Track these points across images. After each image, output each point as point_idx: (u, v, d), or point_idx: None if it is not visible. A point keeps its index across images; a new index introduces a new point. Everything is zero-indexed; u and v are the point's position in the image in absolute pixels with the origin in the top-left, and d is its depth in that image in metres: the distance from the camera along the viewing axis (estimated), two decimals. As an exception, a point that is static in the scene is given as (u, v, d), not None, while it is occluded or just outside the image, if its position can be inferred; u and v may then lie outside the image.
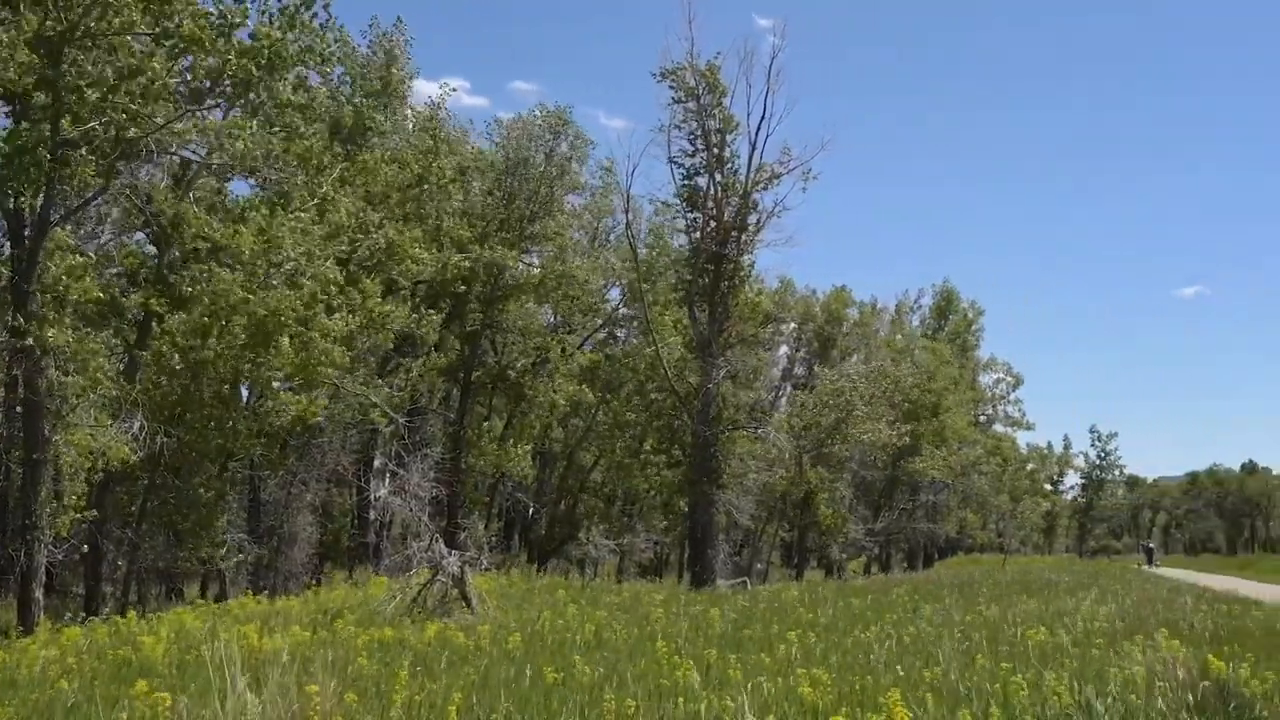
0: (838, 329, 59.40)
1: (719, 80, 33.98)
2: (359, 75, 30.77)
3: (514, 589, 23.54)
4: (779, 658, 12.55)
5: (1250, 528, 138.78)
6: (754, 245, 35.06)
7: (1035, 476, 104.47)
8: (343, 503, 35.64)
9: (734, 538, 46.72)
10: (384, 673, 11.03)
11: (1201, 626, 17.00)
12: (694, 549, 34.73)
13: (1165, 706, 10.07)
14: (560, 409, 38.66)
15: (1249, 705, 10.51)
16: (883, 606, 20.68)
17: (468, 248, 31.67)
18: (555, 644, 14.05)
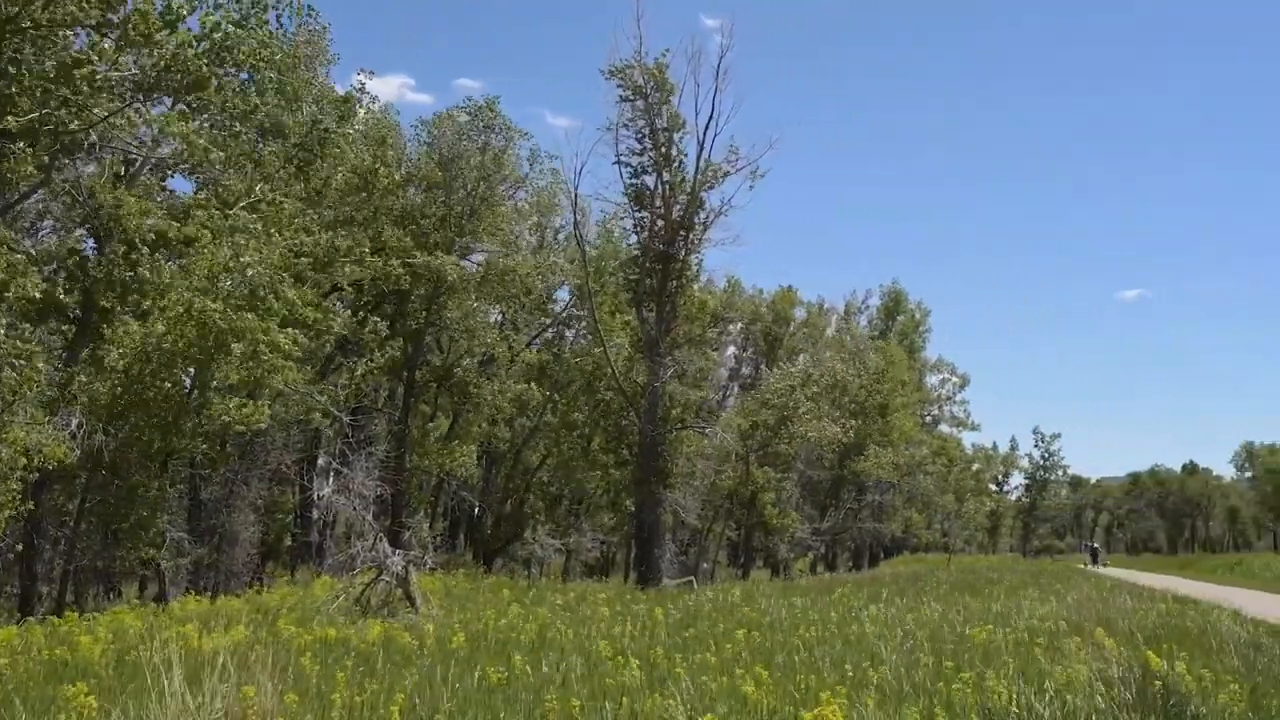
0: (785, 329, 59.65)
1: (667, 79, 33.97)
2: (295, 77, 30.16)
3: (459, 589, 23.43)
4: (724, 657, 12.55)
5: (1191, 528, 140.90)
6: (701, 244, 35.13)
7: (980, 476, 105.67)
8: (285, 502, 35.25)
9: (680, 537, 46.77)
10: (326, 673, 10.91)
11: (1141, 626, 17.20)
12: (640, 548, 34.70)
13: (1104, 705, 10.18)
14: (506, 409, 38.47)
15: (1186, 702, 10.65)
16: (828, 606, 20.77)
17: (410, 254, 31.37)
18: (499, 644, 13.97)
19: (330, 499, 23.23)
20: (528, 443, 43.35)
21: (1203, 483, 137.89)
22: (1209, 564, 66.86)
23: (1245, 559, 71.10)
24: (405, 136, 36.58)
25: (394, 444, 33.98)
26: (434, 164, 34.52)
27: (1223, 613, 21.44)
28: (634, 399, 35.07)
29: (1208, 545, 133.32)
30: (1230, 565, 60.18)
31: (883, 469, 54.49)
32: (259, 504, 29.30)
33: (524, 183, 38.44)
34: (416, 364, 35.30)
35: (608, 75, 34.02)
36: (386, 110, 34.77)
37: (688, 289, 35.62)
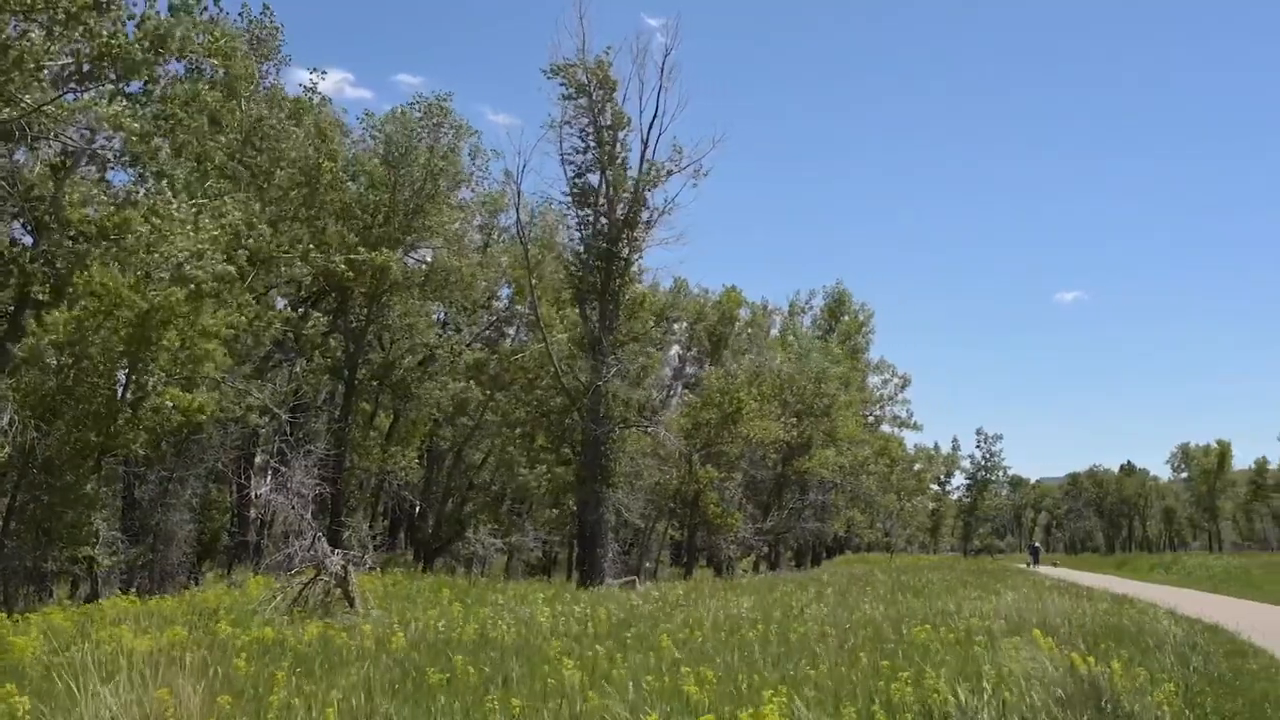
0: (730, 329, 59.73)
1: (610, 76, 33.92)
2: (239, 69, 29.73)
3: (399, 588, 23.23)
4: (665, 657, 12.48)
5: (1128, 527, 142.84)
6: (645, 243, 35.10)
7: (922, 476, 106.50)
8: (222, 501, 34.77)
9: (624, 536, 46.63)
10: (261, 674, 10.72)
11: (1079, 625, 17.35)
12: (583, 547, 34.60)
13: (1040, 703, 10.23)
14: (447, 407, 38.19)
15: (1122, 701, 10.74)
16: (770, 605, 20.78)
17: (353, 250, 31.04)
18: (440, 644, 13.81)
19: (268, 498, 22.89)
20: (469, 441, 43.07)
21: (1140, 483, 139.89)
22: (1145, 563, 67.75)
23: (1180, 558, 72.15)
24: (351, 132, 36.29)
25: (334, 442, 33.60)
26: (380, 160, 34.21)
27: (1159, 612, 21.74)
28: (577, 397, 34.96)
29: (1144, 545, 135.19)
30: (1165, 565, 60.99)
31: (826, 469, 54.71)
32: (195, 503, 28.88)
33: (470, 180, 38.23)
34: (357, 362, 34.95)
35: (550, 74, 33.95)
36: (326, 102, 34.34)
37: (631, 287, 35.56)
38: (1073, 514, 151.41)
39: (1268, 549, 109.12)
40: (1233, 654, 16.59)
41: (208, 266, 22.19)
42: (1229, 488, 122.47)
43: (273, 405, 26.82)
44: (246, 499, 33.05)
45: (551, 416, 39.43)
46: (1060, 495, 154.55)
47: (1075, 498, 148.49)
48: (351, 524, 33.08)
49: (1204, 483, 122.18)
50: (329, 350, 32.87)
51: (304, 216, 30.82)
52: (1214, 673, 14.17)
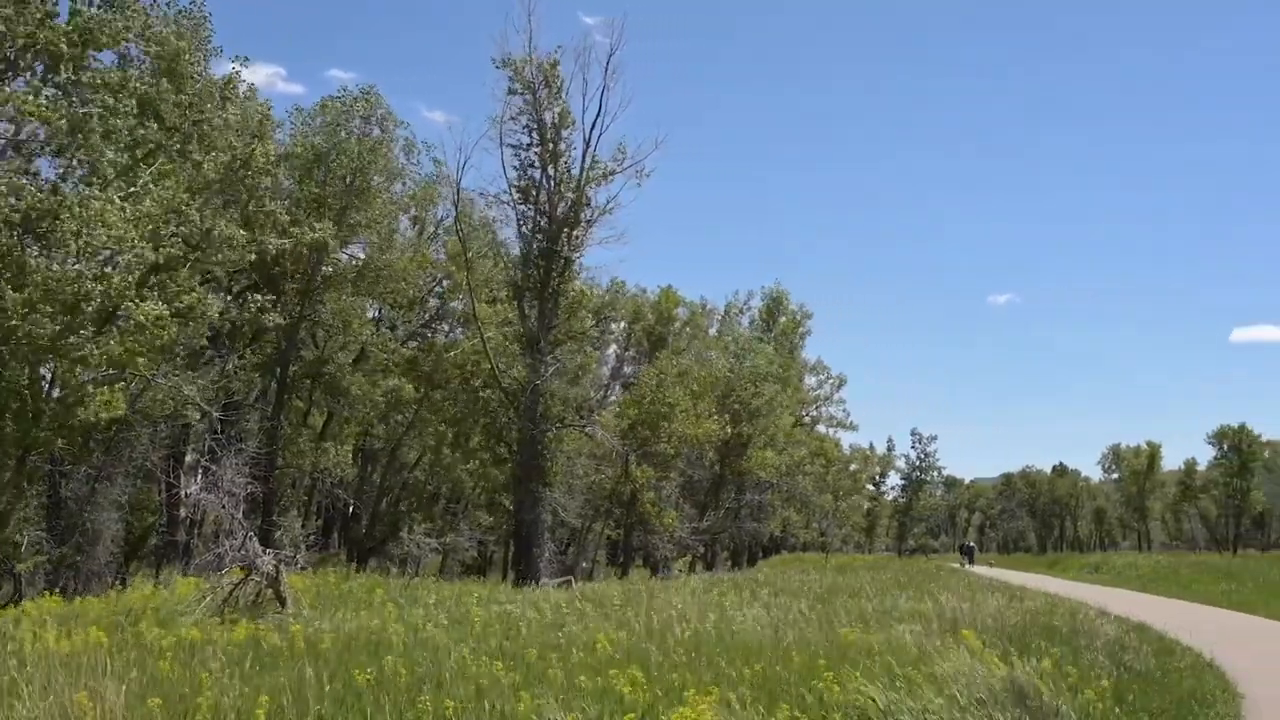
0: (668, 328, 59.72)
1: (557, 74, 33.81)
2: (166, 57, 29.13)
3: (331, 588, 22.93)
4: (600, 656, 12.41)
5: (1059, 527, 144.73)
6: (586, 242, 35.01)
7: (858, 477, 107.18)
8: (151, 500, 34.17)
9: (560, 536, 46.51)
10: (189, 676, 10.52)
11: (1013, 624, 17.50)
12: (519, 547, 34.41)
13: (972, 702, 10.28)
14: (381, 405, 37.81)
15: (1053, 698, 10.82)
16: (705, 604, 20.75)
17: (286, 231, 30.59)
18: (372, 645, 13.63)
19: (198, 497, 22.54)
20: (404, 440, 42.70)
21: (1072, 484, 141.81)
22: (1075, 563, 68.82)
23: (1109, 558, 73.31)
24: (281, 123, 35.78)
25: (266, 441, 33.14)
26: (310, 152, 33.76)
27: (1090, 611, 22.02)
28: (513, 396, 34.77)
29: (1075, 544, 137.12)
30: (1095, 564, 61.98)
31: (763, 469, 54.88)
32: (123, 502, 28.33)
33: (402, 174, 37.87)
34: (290, 359, 34.49)
35: (499, 65, 33.74)
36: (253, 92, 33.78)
37: (570, 286, 35.45)
38: (1006, 514, 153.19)
39: (1195, 549, 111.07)
40: (1161, 652, 16.82)
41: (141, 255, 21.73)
42: (1158, 488, 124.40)
43: (203, 402, 26.35)
44: (176, 498, 32.52)
45: (488, 415, 39.19)
46: (994, 495, 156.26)
47: (1008, 498, 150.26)
48: (284, 523, 32.64)
49: (1134, 484, 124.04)
50: (261, 346, 32.40)
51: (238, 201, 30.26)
52: (1143, 671, 14.35)
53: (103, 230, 20.44)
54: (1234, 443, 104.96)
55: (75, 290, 19.99)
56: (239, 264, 29.25)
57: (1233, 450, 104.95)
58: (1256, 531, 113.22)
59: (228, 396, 31.55)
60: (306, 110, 35.14)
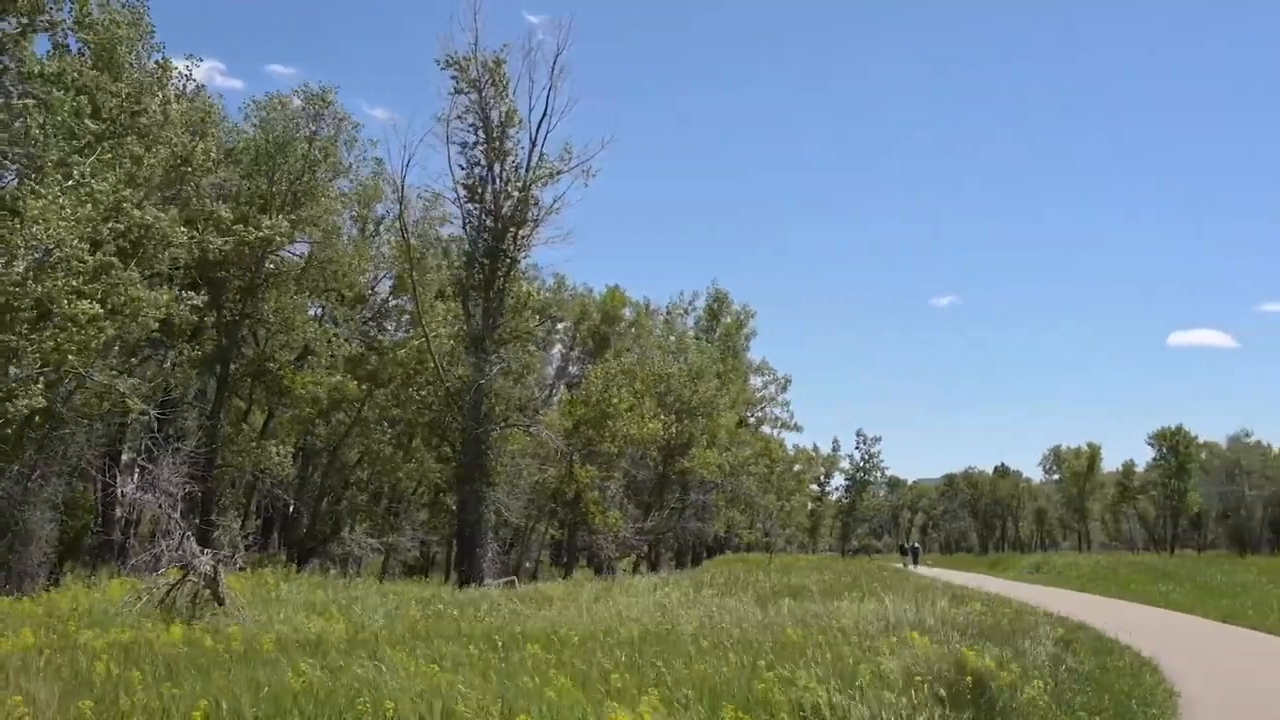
0: (613, 328, 59.65)
1: (503, 74, 33.65)
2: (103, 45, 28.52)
3: (271, 589, 22.64)
4: (540, 657, 12.32)
5: (1001, 528, 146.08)
6: (532, 241, 34.89)
7: (802, 477, 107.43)
8: (86, 498, 33.55)
9: (503, 536, 46.28)
10: (123, 678, 10.30)
11: (955, 623, 17.60)
12: (462, 547, 34.22)
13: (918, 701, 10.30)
14: (323, 403, 37.37)
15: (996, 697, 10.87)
16: (648, 604, 20.71)
17: (230, 230, 30.16)
18: (311, 646, 13.44)
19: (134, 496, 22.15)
20: (346, 439, 42.26)
21: (1013, 485, 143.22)
22: (1016, 563, 69.49)
23: (1050, 558, 74.10)
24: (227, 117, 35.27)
25: (204, 439, 32.64)
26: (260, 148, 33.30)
27: (1031, 611, 22.24)
28: (457, 395, 34.54)
29: (1017, 545, 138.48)
30: (1036, 564, 62.59)
31: (707, 469, 54.92)
32: (57, 501, 27.77)
33: (348, 172, 37.50)
34: (230, 356, 34.00)
35: (443, 65, 33.57)
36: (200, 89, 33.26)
37: (516, 285, 35.28)
38: (948, 514, 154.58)
39: (1134, 549, 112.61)
40: (1101, 651, 17.00)
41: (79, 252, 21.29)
42: (1098, 489, 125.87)
43: (140, 400, 25.88)
44: (112, 497, 31.99)
45: (431, 414, 38.90)
46: (936, 496, 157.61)
47: (951, 498, 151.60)
48: (222, 523, 32.19)
49: (1074, 484, 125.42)
50: (203, 340, 31.92)
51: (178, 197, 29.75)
52: (1083, 670, 14.47)
53: (41, 228, 20.05)
54: (1172, 444, 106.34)
55: (16, 290, 19.57)
56: (181, 262, 28.78)
57: (1171, 452, 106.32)
58: (1193, 532, 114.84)
59: (165, 394, 31.08)
60: (260, 103, 34.70)
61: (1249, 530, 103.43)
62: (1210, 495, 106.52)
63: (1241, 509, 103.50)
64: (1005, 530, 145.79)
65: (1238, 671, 16.71)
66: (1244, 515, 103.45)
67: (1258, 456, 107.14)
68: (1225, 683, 15.35)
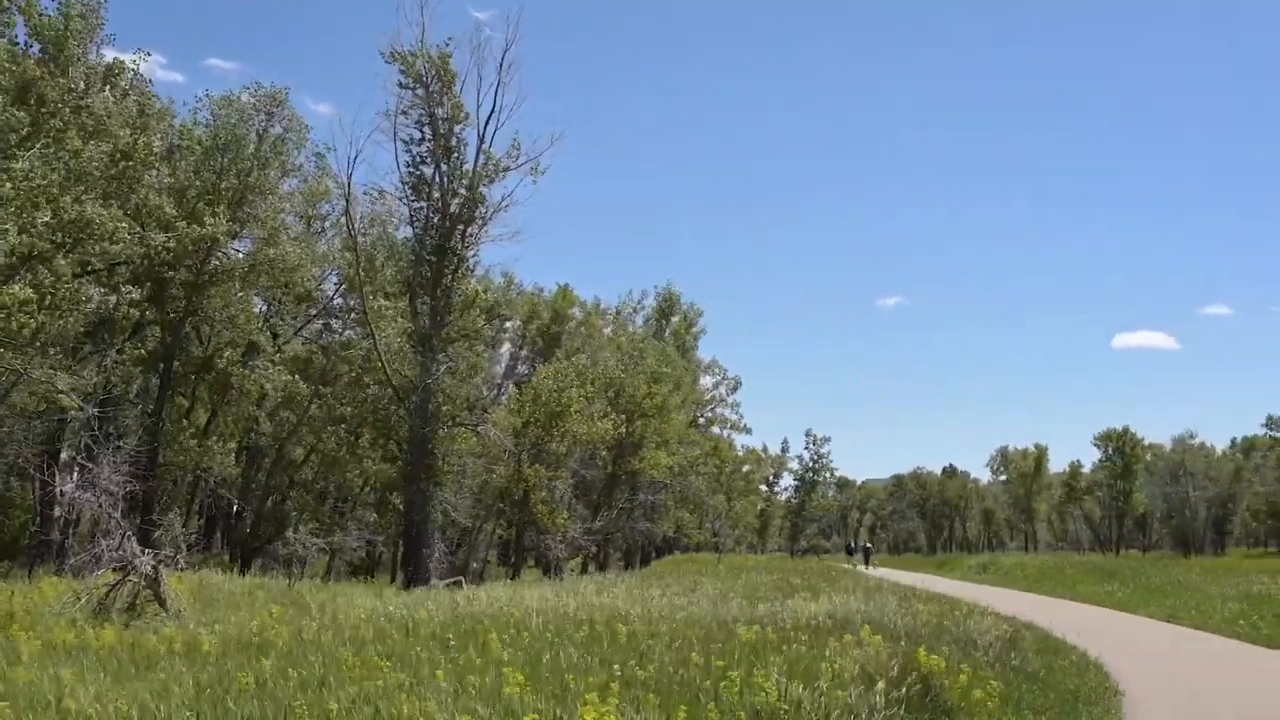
0: (563, 327, 59.49)
1: (450, 69, 33.30)
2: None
3: (213, 590, 22.32)
4: (490, 657, 12.17)
5: (949, 528, 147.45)
6: (480, 239, 34.61)
7: (751, 477, 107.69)
8: (24, 498, 32.98)
9: (450, 536, 46.01)
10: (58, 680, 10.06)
11: (904, 624, 17.63)
12: (408, 547, 33.92)
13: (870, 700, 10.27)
14: (270, 401, 36.96)
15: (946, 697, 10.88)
16: (598, 604, 20.58)
17: (173, 226, 29.70)
18: (254, 646, 13.21)
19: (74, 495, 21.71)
20: (291, 438, 41.81)
21: (961, 485, 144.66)
22: (963, 563, 70.04)
23: (997, 558, 74.78)
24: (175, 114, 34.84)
25: (147, 437, 32.16)
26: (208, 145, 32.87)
27: (980, 611, 22.33)
28: (404, 394, 34.24)
29: (964, 545, 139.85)
30: (984, 564, 63.12)
31: (657, 469, 54.87)
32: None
33: (297, 170, 37.11)
34: (174, 354, 33.51)
35: (389, 59, 33.15)
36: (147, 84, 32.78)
37: (464, 283, 35.00)
38: (897, 515, 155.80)
39: (1080, 550, 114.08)
40: (1047, 651, 17.11)
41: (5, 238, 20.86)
42: (1045, 490, 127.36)
43: (80, 397, 25.43)
44: (51, 496, 31.44)
45: (378, 413, 38.53)
46: (885, 496, 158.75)
47: (899, 499, 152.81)
48: (164, 523, 31.65)
49: (1021, 485, 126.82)
50: (146, 337, 31.43)
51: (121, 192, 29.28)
52: (1030, 669, 14.54)
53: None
54: (1118, 446, 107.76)
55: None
56: (122, 257, 28.31)
57: (1117, 453, 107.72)
58: (1138, 532, 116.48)
59: (107, 391, 30.57)
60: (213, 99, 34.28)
61: (1193, 531, 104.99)
62: (1155, 496, 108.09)
63: (1185, 510, 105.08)
64: (953, 530, 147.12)
65: (1180, 670, 16.87)
66: (1188, 516, 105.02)
67: (1201, 458, 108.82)
68: (1168, 682, 15.48)
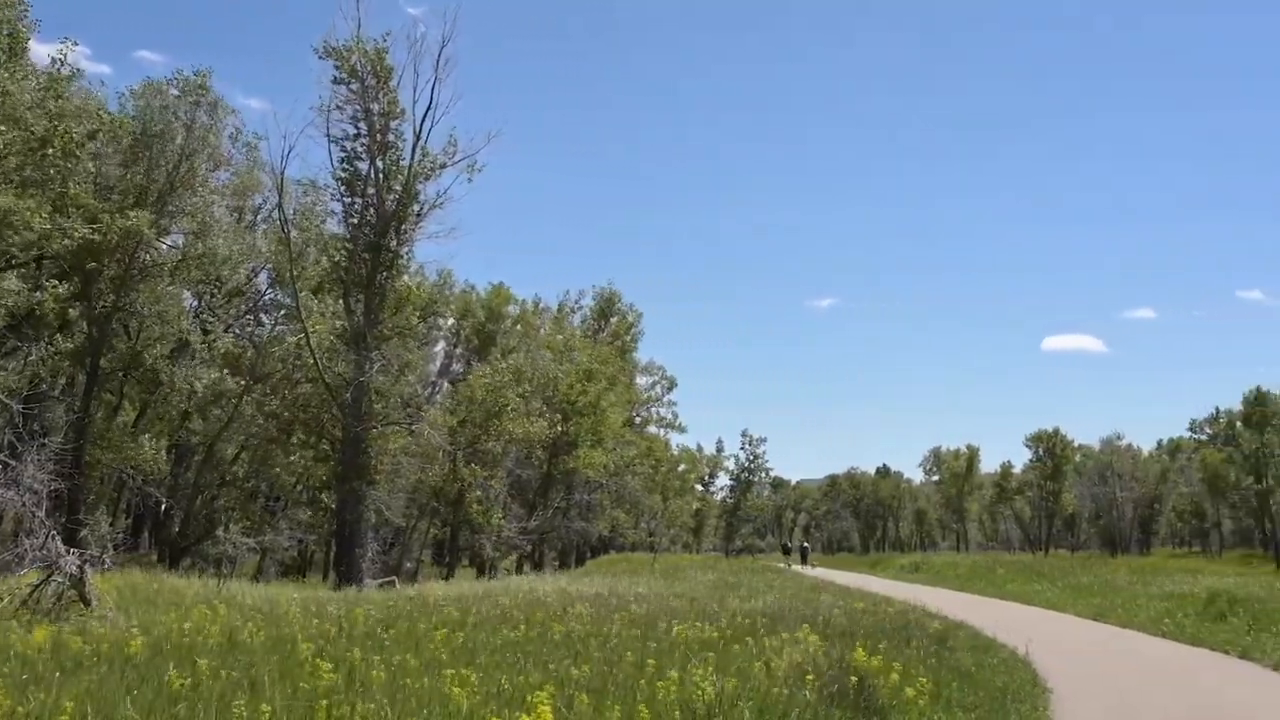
0: (499, 326, 59.20)
1: (386, 64, 33.01)
2: None
3: (141, 590, 21.93)
4: (425, 658, 12.09)
5: (882, 528, 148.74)
6: (415, 236, 34.33)
7: (687, 477, 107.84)
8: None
9: (384, 535, 45.64)
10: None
11: (838, 623, 17.77)
12: (341, 547, 33.58)
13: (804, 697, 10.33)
14: (199, 398, 36.39)
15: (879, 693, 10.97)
16: (532, 604, 20.53)
17: (98, 218, 29.11)
18: (184, 648, 12.99)
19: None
20: (222, 435, 41.22)
21: (894, 485, 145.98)
22: (896, 562, 70.69)
23: (929, 558, 75.62)
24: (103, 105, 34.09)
25: (73, 435, 31.54)
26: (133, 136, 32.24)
27: (912, 609, 22.58)
28: (337, 392, 33.89)
29: (897, 544, 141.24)
30: (915, 564, 63.72)
31: (592, 468, 54.83)
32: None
33: (227, 162, 36.57)
34: (101, 349, 32.89)
35: (323, 54, 32.77)
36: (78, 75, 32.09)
37: (398, 280, 34.73)
38: (831, 514, 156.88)
39: (1010, 549, 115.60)
40: (977, 649, 17.30)
41: None
42: (976, 490, 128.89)
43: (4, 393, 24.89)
44: (-29, 495, 30.66)
45: (309, 411, 38.10)
46: (820, 496, 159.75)
47: (834, 499, 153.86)
48: (91, 522, 31.11)
49: (954, 485, 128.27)
50: (73, 332, 30.83)
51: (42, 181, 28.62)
52: (961, 667, 14.70)
53: None
54: (1048, 447, 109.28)
55: None
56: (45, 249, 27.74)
57: (1047, 454, 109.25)
58: (1067, 532, 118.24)
59: (32, 387, 29.96)
60: (133, 90, 33.61)
61: (1120, 531, 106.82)
62: (1083, 497, 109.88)
63: (1113, 510, 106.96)
64: (886, 530, 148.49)
65: (1107, 668, 17.18)
66: (1115, 516, 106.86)
67: (1128, 459, 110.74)
68: (1095, 679, 15.75)
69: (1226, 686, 15.33)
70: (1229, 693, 14.81)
